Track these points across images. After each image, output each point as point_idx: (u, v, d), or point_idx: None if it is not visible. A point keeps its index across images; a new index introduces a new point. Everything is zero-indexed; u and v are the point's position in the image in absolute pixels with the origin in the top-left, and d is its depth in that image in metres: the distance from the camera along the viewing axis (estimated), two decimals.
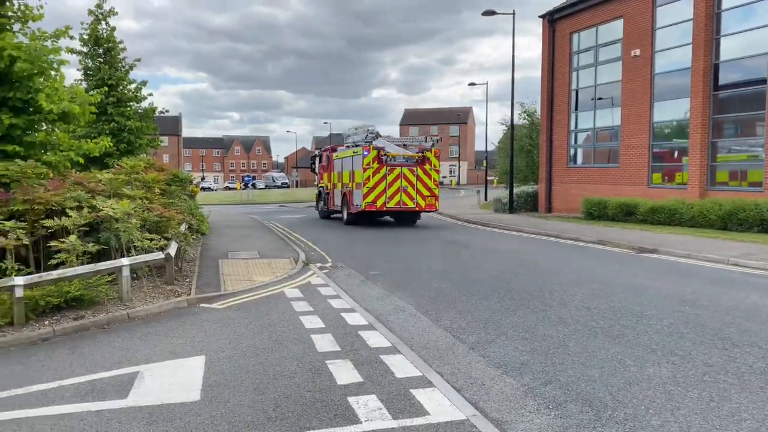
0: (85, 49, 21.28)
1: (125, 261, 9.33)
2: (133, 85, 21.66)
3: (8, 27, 11.41)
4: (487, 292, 9.79)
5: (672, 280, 10.69)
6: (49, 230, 9.47)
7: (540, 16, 27.64)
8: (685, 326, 7.43)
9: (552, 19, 26.89)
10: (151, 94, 25.06)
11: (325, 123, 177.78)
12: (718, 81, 20.11)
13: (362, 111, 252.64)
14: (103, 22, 21.33)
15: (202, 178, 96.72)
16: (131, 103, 21.58)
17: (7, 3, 11.52)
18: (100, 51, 21.34)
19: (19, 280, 7.95)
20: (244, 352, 6.76)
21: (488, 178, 51.99)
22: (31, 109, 11.73)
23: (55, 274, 8.51)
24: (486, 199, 39.25)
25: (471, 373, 5.92)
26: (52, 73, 11.82)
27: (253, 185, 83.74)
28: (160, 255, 10.23)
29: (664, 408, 4.93)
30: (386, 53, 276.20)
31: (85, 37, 21.13)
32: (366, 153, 20.81)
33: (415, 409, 5.03)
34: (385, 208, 21.15)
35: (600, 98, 25.03)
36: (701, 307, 8.43)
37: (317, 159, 29.09)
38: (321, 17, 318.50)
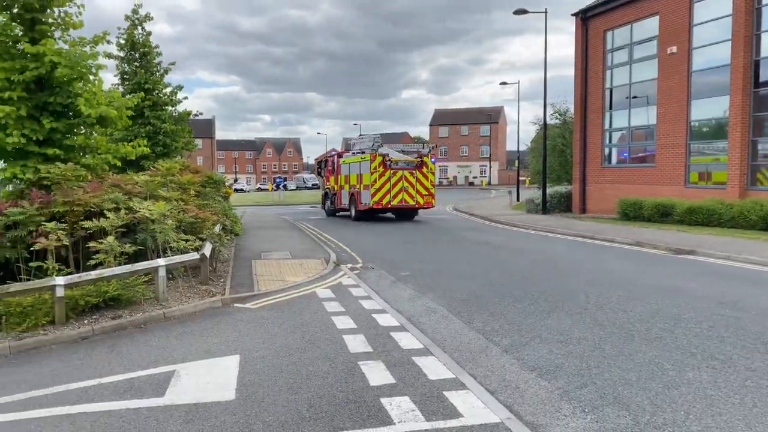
0: (121, 54, 21.78)
1: (161, 261, 9.49)
2: (168, 89, 22.07)
3: (49, 34, 11.74)
4: (520, 294, 9.69)
5: (711, 282, 10.43)
6: (88, 231, 9.71)
7: (573, 15, 27.27)
8: (726, 330, 7.24)
9: (585, 17, 26.51)
10: (186, 98, 25.55)
11: (355, 124, 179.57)
12: (759, 78, 19.51)
13: (392, 112, 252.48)
14: (139, 27, 21.79)
15: (235, 180, 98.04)
16: (167, 107, 21.99)
17: (48, 11, 11.84)
18: (136, 55, 21.82)
19: (60, 280, 8.16)
20: (277, 352, 6.82)
21: (520, 178, 51.45)
22: (70, 114, 12.06)
23: (94, 274, 8.71)
24: (518, 199, 38.89)
25: (505, 375, 5.86)
26: (91, 77, 12.14)
27: (285, 186, 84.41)
28: (195, 255, 10.38)
29: (705, 413, 4.80)
30: (415, 54, 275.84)
31: (122, 42, 21.64)
32: (373, 159, 23.93)
33: (448, 411, 5.00)
34: (389, 206, 24.30)
35: (635, 97, 24.56)
36: (742, 310, 8.20)
37: (323, 164, 31.74)
38: (350, 19, 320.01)
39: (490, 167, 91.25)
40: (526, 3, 27.12)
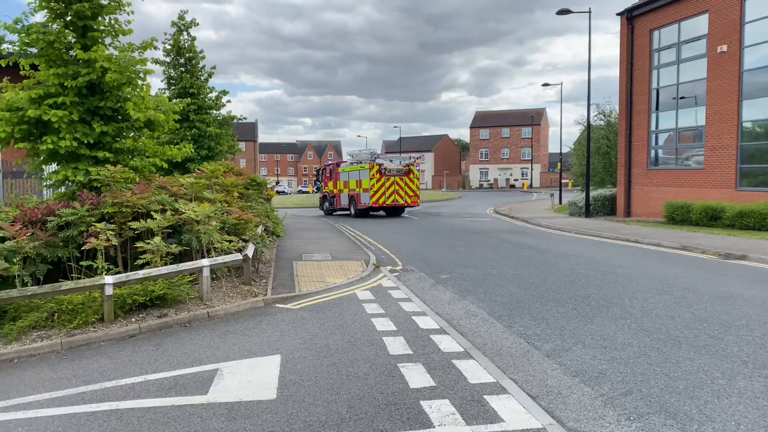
0: (168, 59, 22.29)
1: (206, 262, 9.68)
2: (213, 94, 22.48)
3: (100, 40, 12.10)
4: (563, 298, 9.53)
5: (763, 289, 10.05)
6: (136, 232, 9.97)
7: (618, 14, 26.72)
8: None
9: (630, 17, 25.94)
10: (229, 101, 26.01)
11: (395, 127, 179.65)
12: None
13: (431, 114, 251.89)
14: (185, 33, 22.27)
15: (277, 182, 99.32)
16: (211, 111, 22.41)
17: (99, 18, 12.22)
18: (182, 60, 22.29)
19: (109, 279, 8.40)
20: (318, 353, 6.88)
21: (563, 180, 50.61)
22: (120, 118, 12.41)
23: (141, 273, 8.94)
24: (560, 202, 38.29)
25: (547, 381, 5.77)
26: (139, 82, 12.45)
27: None
28: (238, 256, 10.55)
29: (757, 424, 4.64)
30: (456, 55, 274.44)
31: (168, 47, 22.14)
32: (371, 168, 29.82)
33: (489, 415, 4.96)
34: (384, 205, 30.15)
35: (682, 97, 23.89)
36: None
37: (321, 172, 37.57)
38: (391, 23, 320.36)
39: (532, 170, 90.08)
40: (570, 3, 26.84)
